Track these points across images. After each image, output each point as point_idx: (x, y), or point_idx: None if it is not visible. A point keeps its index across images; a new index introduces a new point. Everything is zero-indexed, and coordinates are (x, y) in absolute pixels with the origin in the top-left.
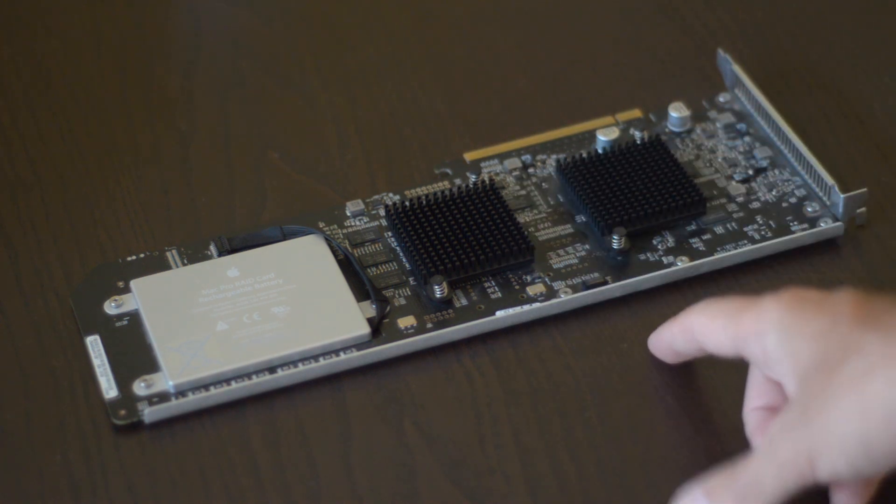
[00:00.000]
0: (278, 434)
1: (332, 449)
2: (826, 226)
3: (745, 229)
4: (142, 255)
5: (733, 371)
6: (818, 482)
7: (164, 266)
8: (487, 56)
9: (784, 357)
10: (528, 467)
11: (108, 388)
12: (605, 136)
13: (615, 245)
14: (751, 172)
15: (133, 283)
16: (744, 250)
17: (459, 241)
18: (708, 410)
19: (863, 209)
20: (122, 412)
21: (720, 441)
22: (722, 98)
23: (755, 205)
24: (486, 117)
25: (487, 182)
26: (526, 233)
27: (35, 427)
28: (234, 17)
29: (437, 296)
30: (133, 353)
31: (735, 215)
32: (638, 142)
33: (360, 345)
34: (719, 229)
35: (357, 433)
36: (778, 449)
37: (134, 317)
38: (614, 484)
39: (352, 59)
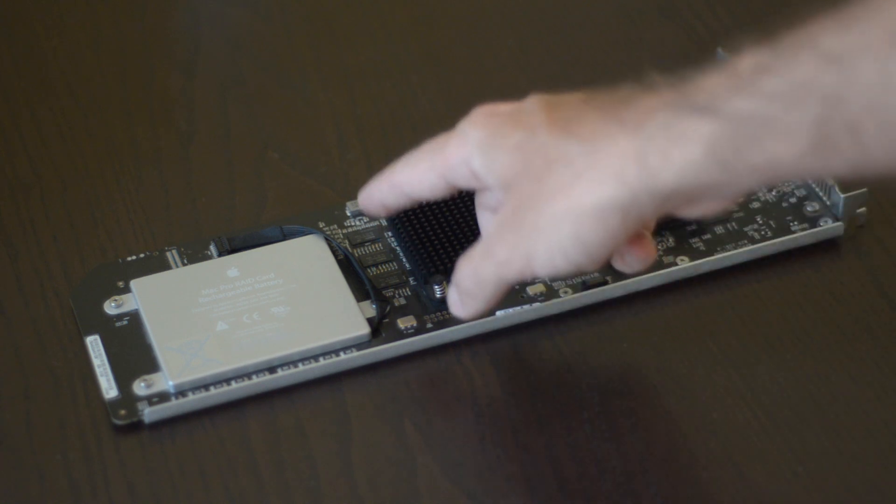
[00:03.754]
0: (278, 434)
1: (332, 449)
2: (826, 225)
3: (745, 229)
4: (142, 255)
5: (733, 371)
6: (538, 276)
7: (164, 266)
8: (487, 56)
9: (488, 172)
10: (528, 467)
11: (109, 388)
12: None
13: None
14: None
15: (133, 283)
16: (744, 250)
17: (459, 241)
18: (707, 410)
19: (863, 209)
20: (123, 412)
21: (720, 441)
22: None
23: (755, 205)
24: None
25: None
26: None
27: (35, 427)
28: (234, 17)
29: (437, 296)
30: (133, 353)
31: (735, 215)
32: None
33: (360, 345)
34: (719, 229)
35: (357, 433)
36: (496, 250)
37: (134, 317)
38: (614, 484)
39: (352, 59)
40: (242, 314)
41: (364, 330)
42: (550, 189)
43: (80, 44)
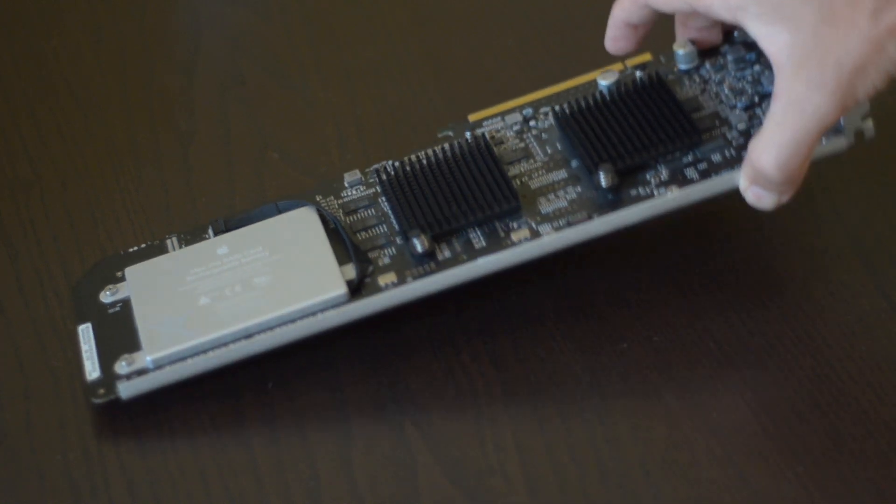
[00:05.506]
0: (278, 434)
1: (332, 449)
2: (827, 141)
3: (744, 154)
4: (143, 246)
5: (733, 371)
6: None
7: (164, 253)
8: (487, 56)
9: (767, 42)
10: (528, 467)
11: (92, 371)
12: (605, 81)
13: (602, 182)
14: (756, 99)
15: (127, 271)
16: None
17: (444, 195)
18: (708, 410)
19: (868, 120)
20: (101, 391)
21: (720, 441)
22: (736, 34)
23: (757, 130)
24: None
25: (479, 137)
26: (517, 182)
27: (35, 427)
28: (234, 16)
29: (419, 250)
30: (119, 337)
31: (735, 142)
32: (638, 82)
33: (337, 305)
34: (716, 157)
35: (357, 433)
36: (816, 106)
37: (126, 303)
38: (614, 484)
39: (352, 59)
40: (225, 287)
41: (341, 290)
42: (840, 47)
43: (80, 44)
